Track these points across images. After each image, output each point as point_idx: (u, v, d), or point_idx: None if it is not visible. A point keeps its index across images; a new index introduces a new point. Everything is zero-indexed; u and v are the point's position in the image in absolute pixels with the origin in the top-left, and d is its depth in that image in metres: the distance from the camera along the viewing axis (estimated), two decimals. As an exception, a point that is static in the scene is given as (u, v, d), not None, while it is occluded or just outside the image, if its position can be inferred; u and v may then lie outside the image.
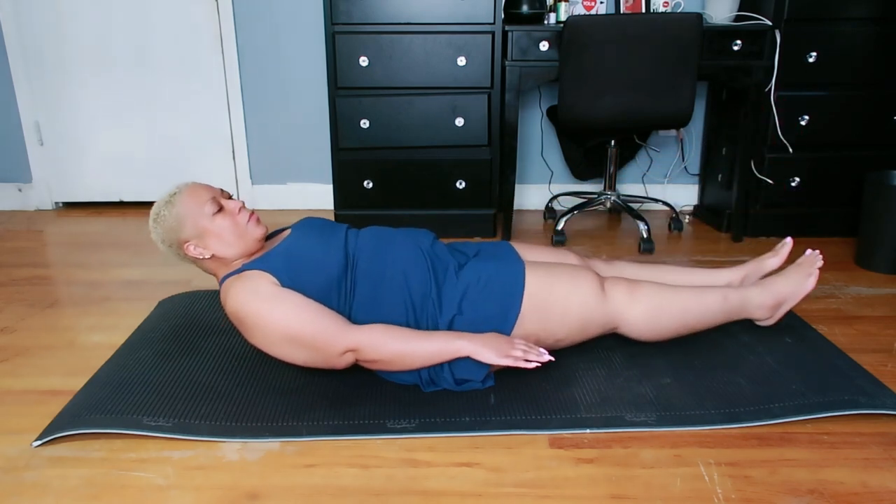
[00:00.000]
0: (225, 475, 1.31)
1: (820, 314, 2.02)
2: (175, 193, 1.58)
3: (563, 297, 1.58)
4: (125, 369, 1.64)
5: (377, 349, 1.45)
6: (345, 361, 1.50)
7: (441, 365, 1.53)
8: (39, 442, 1.40)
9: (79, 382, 1.65)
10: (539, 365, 1.47)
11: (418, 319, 1.57)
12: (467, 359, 1.53)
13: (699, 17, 2.34)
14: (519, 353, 1.45)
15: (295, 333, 1.44)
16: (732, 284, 1.83)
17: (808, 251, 1.81)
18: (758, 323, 1.83)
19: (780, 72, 2.57)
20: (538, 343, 1.61)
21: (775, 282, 1.77)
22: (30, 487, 1.28)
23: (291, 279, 1.50)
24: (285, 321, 1.44)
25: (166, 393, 1.54)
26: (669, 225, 2.92)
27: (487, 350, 1.46)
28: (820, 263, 1.77)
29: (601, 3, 2.88)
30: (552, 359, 1.46)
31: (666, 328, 1.67)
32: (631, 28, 2.35)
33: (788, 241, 1.87)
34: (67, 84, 3.06)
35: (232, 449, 1.38)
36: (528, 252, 1.78)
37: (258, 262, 1.53)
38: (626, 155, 3.12)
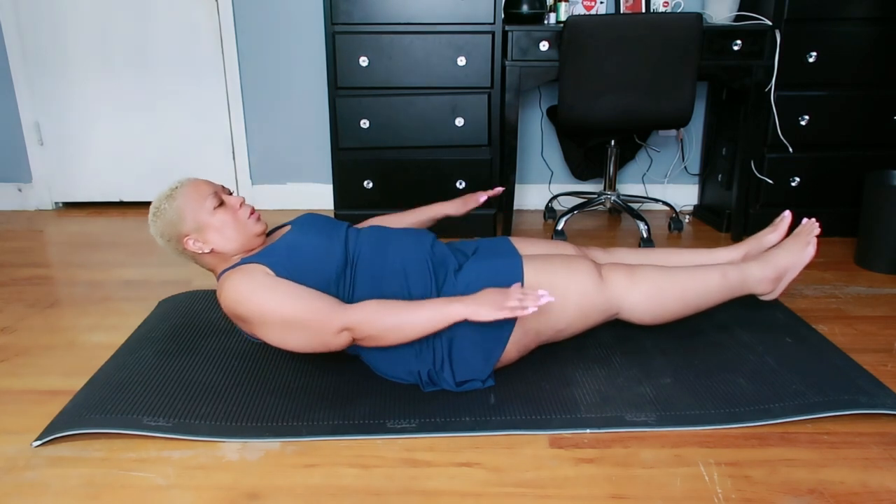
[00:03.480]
0: (225, 475, 1.31)
1: (820, 314, 2.02)
2: (176, 188, 1.58)
3: (562, 287, 1.58)
4: (125, 369, 1.64)
5: (372, 324, 1.43)
6: (342, 341, 1.47)
7: (442, 365, 1.53)
8: (39, 442, 1.40)
9: (79, 382, 1.65)
10: (536, 309, 1.41)
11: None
12: (469, 359, 1.53)
13: (699, 17, 2.34)
14: (515, 303, 1.37)
15: (290, 317, 1.44)
16: (733, 263, 1.82)
17: (805, 220, 1.79)
18: (761, 298, 1.81)
19: (780, 72, 2.57)
20: (539, 335, 1.60)
21: (775, 254, 1.76)
22: (30, 487, 1.28)
23: (289, 273, 1.50)
24: (279, 306, 1.43)
25: (166, 393, 1.54)
26: (669, 225, 2.92)
27: (484, 308, 1.39)
28: (817, 231, 1.76)
29: (601, 3, 2.88)
30: (552, 299, 1.37)
31: (667, 309, 1.67)
32: (631, 28, 2.35)
33: (787, 214, 1.86)
34: (67, 84, 3.06)
35: (232, 449, 1.38)
36: (526, 245, 1.78)
37: (256, 256, 1.54)
38: (626, 155, 3.12)
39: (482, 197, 1.87)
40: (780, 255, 1.76)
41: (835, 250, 2.60)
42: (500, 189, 1.89)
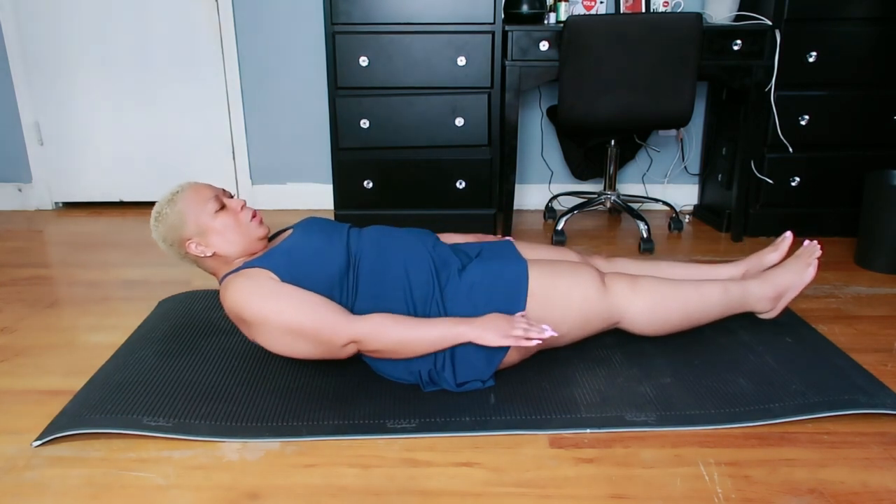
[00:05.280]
0: (225, 475, 1.31)
1: (820, 314, 2.02)
2: (177, 192, 1.58)
3: (565, 293, 1.59)
4: (125, 369, 1.64)
5: (379, 339, 1.46)
6: (347, 352, 1.50)
7: (444, 365, 1.53)
8: (39, 442, 1.40)
9: (79, 382, 1.65)
10: (541, 342, 1.46)
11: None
12: (471, 360, 1.53)
13: (699, 17, 2.34)
14: (520, 332, 1.44)
15: (296, 327, 1.45)
16: (733, 279, 1.83)
17: (807, 242, 1.82)
18: (760, 316, 1.84)
19: (780, 72, 2.57)
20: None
21: (776, 273, 1.78)
22: (30, 487, 1.28)
23: (292, 276, 1.50)
24: (286, 315, 1.44)
25: (166, 393, 1.54)
26: (669, 225, 2.92)
27: (489, 333, 1.45)
28: (818, 253, 1.78)
29: (601, 3, 2.88)
30: (555, 333, 1.45)
31: (667, 321, 1.67)
32: (631, 28, 2.35)
33: (788, 235, 1.87)
34: (67, 84, 3.06)
35: (232, 449, 1.38)
36: (529, 251, 1.78)
37: (259, 260, 1.54)
38: (626, 155, 3.12)
39: None
40: (780, 275, 1.77)
41: (835, 250, 2.60)
42: (511, 240, 1.89)
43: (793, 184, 2.71)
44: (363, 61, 2.57)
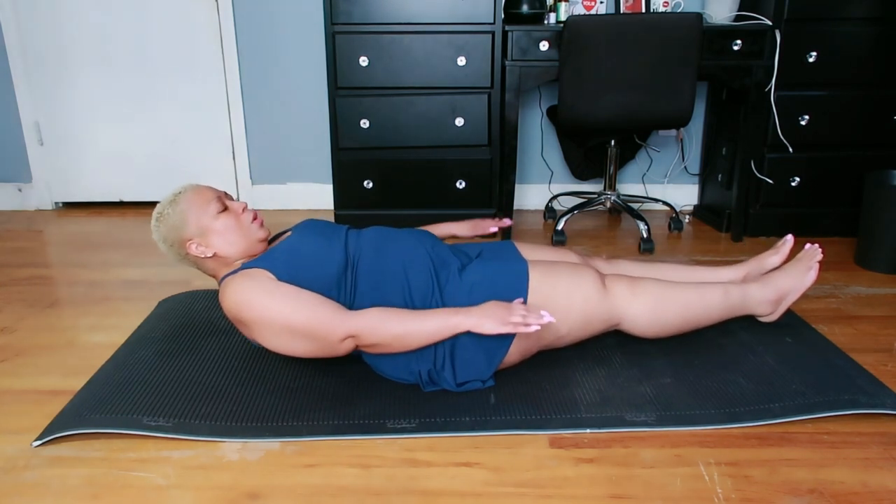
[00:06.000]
0: (225, 475, 1.31)
1: (820, 314, 2.02)
2: (180, 193, 1.59)
3: (566, 294, 1.59)
4: (125, 369, 1.64)
5: (376, 333, 1.45)
6: (345, 348, 1.49)
7: (444, 365, 1.53)
8: (39, 442, 1.40)
9: (79, 382, 1.65)
10: (539, 327, 1.44)
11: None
12: (471, 360, 1.53)
13: (699, 17, 2.34)
14: (518, 319, 1.41)
15: (293, 324, 1.45)
16: (734, 282, 1.84)
17: (808, 245, 1.82)
18: (760, 319, 1.84)
19: (780, 72, 2.57)
20: (540, 340, 1.61)
21: (776, 277, 1.78)
22: (30, 487, 1.28)
23: (290, 276, 1.50)
24: (283, 313, 1.44)
25: (166, 393, 1.54)
26: (669, 225, 2.92)
27: (487, 321, 1.43)
28: (819, 257, 1.78)
29: (601, 3, 2.88)
30: (553, 319, 1.44)
31: (668, 323, 1.67)
32: (631, 28, 2.35)
33: (789, 238, 1.88)
34: (67, 84, 3.06)
35: (232, 449, 1.38)
36: (530, 251, 1.78)
37: (258, 261, 1.54)
38: (626, 155, 3.13)
39: (492, 228, 1.89)
40: (781, 278, 1.78)
41: (835, 250, 2.60)
42: (509, 221, 1.90)
43: (793, 184, 2.71)
44: (363, 61, 2.57)
